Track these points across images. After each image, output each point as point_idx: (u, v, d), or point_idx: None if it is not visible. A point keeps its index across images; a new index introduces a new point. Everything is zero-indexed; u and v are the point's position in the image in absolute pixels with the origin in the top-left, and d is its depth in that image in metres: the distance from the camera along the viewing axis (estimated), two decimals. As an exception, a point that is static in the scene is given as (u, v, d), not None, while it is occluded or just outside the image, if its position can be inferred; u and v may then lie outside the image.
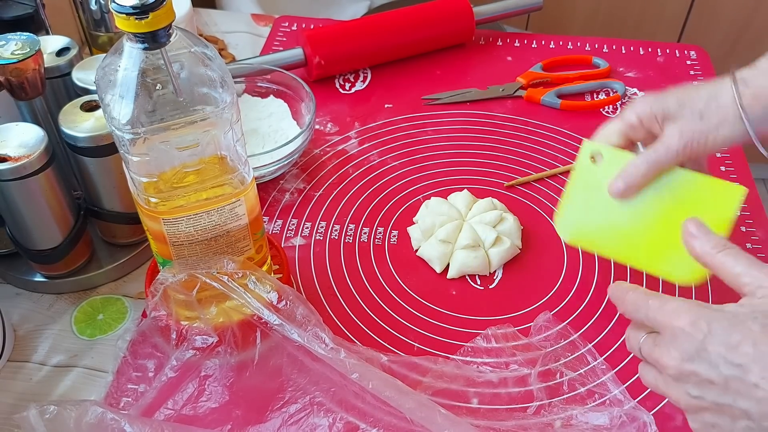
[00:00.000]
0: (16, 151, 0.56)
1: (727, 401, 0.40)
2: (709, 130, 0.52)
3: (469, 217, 0.69)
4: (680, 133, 0.52)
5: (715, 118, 0.52)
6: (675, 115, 0.53)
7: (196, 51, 0.45)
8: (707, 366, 0.41)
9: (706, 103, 0.52)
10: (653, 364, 0.45)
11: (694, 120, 0.52)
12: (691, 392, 0.42)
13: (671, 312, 0.43)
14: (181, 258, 0.52)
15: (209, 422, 0.53)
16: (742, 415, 0.40)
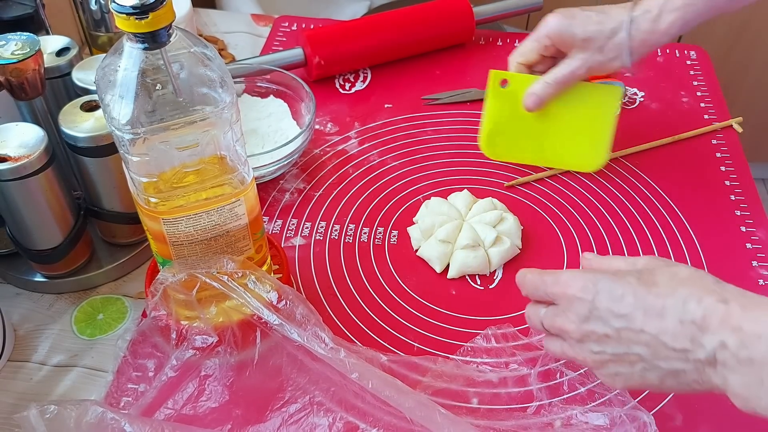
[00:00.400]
0: (16, 151, 0.56)
1: (623, 350, 0.46)
2: (605, 61, 0.65)
3: (469, 217, 0.69)
4: (583, 61, 0.65)
5: (611, 54, 0.65)
6: (580, 45, 0.65)
7: (196, 51, 0.45)
8: (601, 323, 0.46)
9: (606, 39, 0.64)
10: (557, 333, 0.50)
11: (595, 53, 0.65)
12: (593, 349, 0.47)
13: (564, 283, 0.48)
14: (181, 258, 0.52)
15: (209, 422, 0.53)
16: (638, 359, 0.45)
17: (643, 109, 0.85)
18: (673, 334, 0.43)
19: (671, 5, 0.62)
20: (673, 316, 0.43)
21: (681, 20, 0.62)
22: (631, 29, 0.63)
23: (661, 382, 0.45)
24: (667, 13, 0.62)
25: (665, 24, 0.63)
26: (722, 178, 0.76)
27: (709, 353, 0.42)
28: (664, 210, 0.73)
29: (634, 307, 0.45)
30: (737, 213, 0.72)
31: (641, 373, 0.46)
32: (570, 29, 0.65)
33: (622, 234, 0.70)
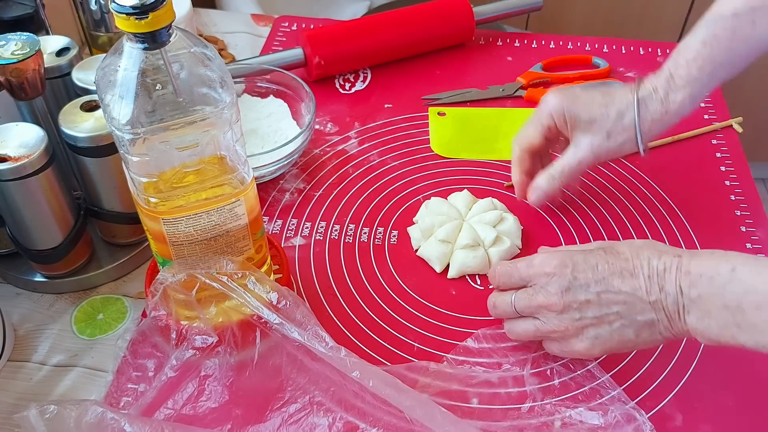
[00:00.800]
0: (16, 151, 0.56)
1: (603, 312, 0.51)
2: (615, 147, 0.63)
3: (468, 217, 0.69)
4: (591, 148, 0.63)
5: (621, 138, 0.62)
6: (585, 128, 0.63)
7: (196, 51, 0.45)
8: (583, 290, 0.51)
9: (613, 123, 0.62)
10: (532, 311, 0.54)
11: (602, 137, 0.62)
12: (574, 316, 0.52)
13: (539, 264, 0.53)
14: (181, 258, 0.52)
15: (209, 422, 0.53)
16: (617, 317, 0.51)
17: (643, 109, 0.85)
18: (645, 289, 0.50)
19: (677, 83, 0.61)
20: (642, 273, 0.50)
21: (690, 97, 0.61)
22: (639, 110, 0.61)
23: (637, 336, 0.51)
24: (674, 92, 0.61)
25: (675, 104, 0.61)
26: (722, 178, 0.76)
27: (673, 299, 0.49)
28: (664, 210, 0.73)
29: (610, 272, 0.51)
30: (737, 213, 0.72)
31: (620, 331, 0.51)
32: (573, 110, 0.63)
33: (622, 234, 0.70)
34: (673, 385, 0.58)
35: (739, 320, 0.46)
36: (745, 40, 0.59)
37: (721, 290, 0.46)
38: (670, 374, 0.58)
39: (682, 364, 0.59)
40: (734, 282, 0.46)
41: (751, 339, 0.46)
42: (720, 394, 0.57)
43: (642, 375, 0.58)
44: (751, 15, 0.58)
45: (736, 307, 0.46)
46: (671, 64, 0.62)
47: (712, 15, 0.60)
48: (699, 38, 0.60)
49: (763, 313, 0.45)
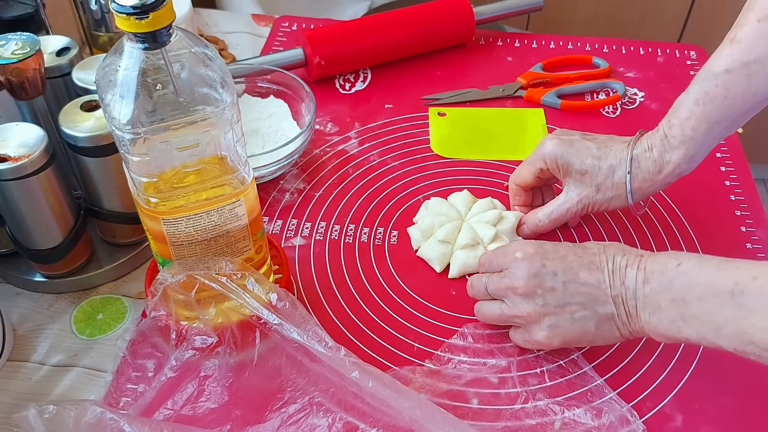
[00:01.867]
0: (16, 151, 0.56)
1: (567, 300, 0.53)
2: (603, 201, 0.64)
3: (468, 217, 0.69)
4: (579, 199, 0.64)
5: (610, 193, 0.63)
6: (576, 178, 0.64)
7: (197, 51, 0.45)
8: (549, 277, 0.53)
9: (604, 177, 0.62)
10: (501, 294, 0.56)
11: (592, 190, 0.63)
12: (537, 302, 0.54)
13: (513, 250, 0.56)
14: (181, 258, 0.52)
15: (208, 422, 0.53)
16: (579, 308, 0.53)
17: (643, 109, 0.85)
18: (609, 283, 0.52)
19: (671, 143, 0.60)
20: (606, 268, 0.53)
21: (685, 157, 0.59)
22: (632, 167, 0.61)
23: (597, 328, 0.53)
24: (668, 152, 0.60)
25: (670, 165, 0.60)
26: (722, 178, 0.76)
27: (632, 293, 0.51)
28: (664, 210, 0.73)
29: (578, 264, 0.54)
30: (737, 213, 0.72)
31: (581, 322, 0.53)
32: (566, 157, 0.63)
33: (622, 234, 0.70)
34: (673, 385, 0.58)
35: (684, 312, 0.48)
36: (741, 96, 0.57)
37: (669, 284, 0.49)
38: (670, 374, 0.58)
39: (682, 364, 0.59)
40: (680, 276, 0.48)
41: (694, 331, 0.48)
42: (720, 394, 0.57)
43: (642, 375, 0.58)
44: (744, 70, 0.56)
45: (681, 300, 0.48)
46: (665, 123, 0.61)
47: (704, 73, 0.58)
48: (692, 97, 0.59)
49: (704, 304, 0.47)
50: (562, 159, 0.63)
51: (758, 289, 0.44)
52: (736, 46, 0.56)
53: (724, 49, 0.57)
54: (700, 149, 0.60)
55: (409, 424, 0.50)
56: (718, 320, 0.46)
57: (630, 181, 0.61)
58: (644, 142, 0.62)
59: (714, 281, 0.47)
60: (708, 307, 0.47)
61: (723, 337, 0.46)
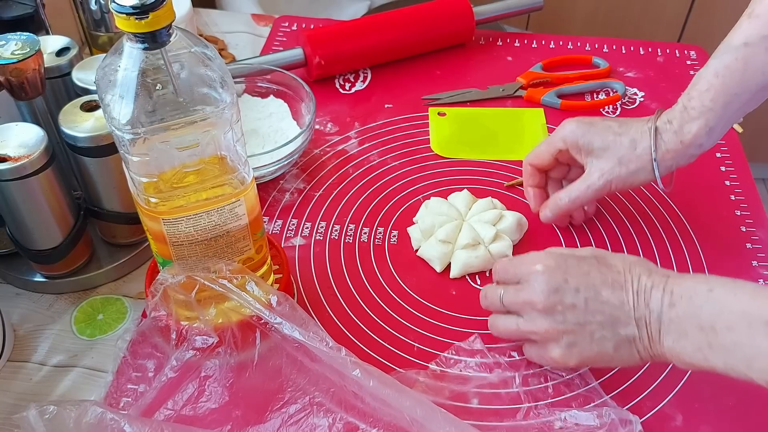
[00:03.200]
0: (16, 151, 0.56)
1: (587, 319, 0.51)
2: (627, 175, 0.62)
3: (468, 216, 0.69)
4: (601, 174, 0.62)
5: (633, 166, 0.61)
6: (598, 155, 0.62)
7: (196, 51, 0.45)
8: (571, 294, 0.51)
9: (627, 150, 0.61)
10: (517, 308, 0.54)
11: (614, 164, 0.62)
12: (557, 319, 0.51)
13: (532, 261, 0.54)
14: (181, 258, 0.52)
15: (209, 422, 0.53)
16: (599, 327, 0.51)
17: (643, 109, 0.85)
18: (633, 304, 0.50)
19: (690, 114, 0.60)
20: (631, 288, 0.50)
21: (705, 128, 0.59)
22: (656, 139, 0.61)
23: (615, 350, 0.51)
24: (688, 124, 0.60)
25: (690, 135, 0.60)
26: (722, 178, 0.76)
27: (657, 317, 0.49)
28: (664, 210, 0.73)
29: (601, 281, 0.51)
30: (737, 213, 0.72)
31: (599, 342, 0.51)
32: (587, 136, 0.62)
33: (622, 234, 0.70)
34: (673, 385, 0.58)
35: (711, 341, 0.46)
36: (761, 69, 0.57)
37: (698, 310, 0.47)
38: (670, 374, 0.58)
39: (682, 364, 0.59)
40: (710, 302, 0.46)
41: (722, 361, 0.46)
42: (720, 394, 0.57)
43: (642, 375, 0.58)
44: (763, 43, 0.56)
45: (710, 328, 0.46)
46: (685, 96, 0.61)
47: (724, 45, 0.59)
48: (711, 70, 0.59)
49: (733, 334, 0.45)
50: (584, 138, 0.62)
51: None
52: (755, 20, 0.57)
53: (743, 24, 0.58)
54: (720, 122, 0.59)
55: (410, 424, 0.50)
56: (750, 351, 0.44)
57: (655, 152, 0.61)
58: (664, 116, 0.62)
59: (748, 309, 0.44)
60: (740, 337, 0.44)
61: (755, 370, 0.44)
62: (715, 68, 0.59)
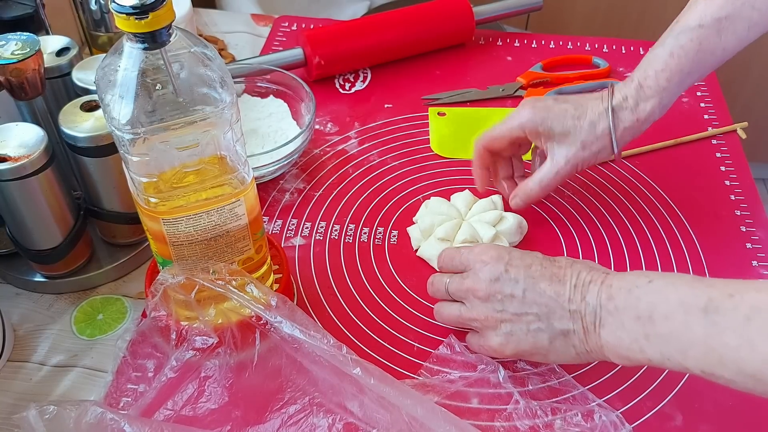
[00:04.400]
0: (16, 151, 0.56)
1: (524, 309, 0.52)
2: (591, 156, 0.64)
3: (468, 216, 0.69)
4: (567, 159, 0.64)
5: (596, 147, 0.64)
6: (559, 140, 0.64)
7: (196, 51, 0.45)
8: (510, 284, 0.53)
9: (587, 133, 0.63)
10: (461, 295, 0.56)
11: (578, 149, 0.64)
12: (496, 307, 0.53)
13: (479, 252, 0.55)
14: (181, 258, 0.52)
15: (209, 423, 0.53)
16: (535, 319, 0.52)
17: (643, 109, 0.85)
18: (568, 297, 0.51)
19: (646, 93, 0.62)
20: (569, 282, 0.51)
21: (659, 106, 0.62)
22: (613, 119, 0.63)
23: (550, 343, 0.52)
24: (644, 102, 0.62)
25: (645, 113, 0.62)
26: (722, 178, 0.76)
27: (592, 309, 0.49)
28: (664, 210, 0.73)
29: (540, 274, 0.52)
30: (737, 213, 0.72)
31: (535, 334, 0.52)
32: (546, 123, 0.63)
33: (622, 234, 0.70)
34: (673, 385, 0.58)
35: (648, 332, 0.46)
36: (711, 50, 0.61)
37: (637, 301, 0.47)
38: (670, 374, 0.58)
39: (682, 364, 0.59)
40: (650, 293, 0.47)
41: (658, 351, 0.46)
42: (720, 394, 0.57)
43: (642, 375, 0.58)
44: (716, 25, 0.59)
45: (647, 318, 0.46)
46: (640, 74, 0.63)
47: (680, 26, 0.61)
48: (667, 50, 0.61)
49: (670, 322, 0.45)
50: (543, 125, 0.63)
51: (734, 306, 0.42)
52: (710, 2, 0.60)
53: (698, 5, 0.61)
54: (672, 98, 0.63)
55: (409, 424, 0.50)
56: (686, 339, 0.44)
57: (614, 131, 0.63)
58: (618, 94, 0.63)
59: (686, 298, 0.44)
60: (676, 325, 0.44)
61: (690, 358, 0.44)
62: (671, 48, 0.61)
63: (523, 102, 0.66)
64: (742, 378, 0.42)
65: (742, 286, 0.43)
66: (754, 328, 0.41)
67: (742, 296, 0.42)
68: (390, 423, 0.51)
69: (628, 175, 0.76)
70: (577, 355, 0.52)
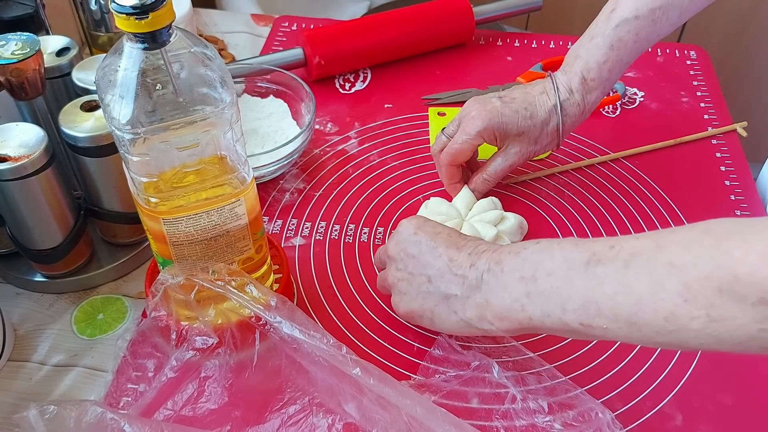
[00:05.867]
0: (16, 151, 0.56)
1: (419, 270, 0.54)
2: (540, 149, 0.69)
3: (469, 216, 0.69)
4: (520, 155, 0.69)
5: (545, 141, 0.68)
6: (514, 139, 0.68)
7: (196, 51, 0.45)
8: (414, 245, 0.54)
9: (539, 131, 0.67)
10: (383, 258, 0.58)
11: (530, 143, 0.68)
12: (398, 266, 0.55)
13: (405, 221, 0.57)
14: (181, 258, 0.52)
15: (209, 423, 0.53)
16: (426, 281, 0.53)
17: (642, 109, 0.85)
18: (459, 263, 0.52)
19: (590, 85, 0.66)
20: (465, 250, 0.52)
21: (602, 95, 0.67)
22: (562, 115, 0.66)
23: (435, 306, 0.53)
24: (589, 94, 0.66)
25: (590, 104, 0.67)
26: (722, 178, 0.76)
27: (478, 274, 0.50)
28: (664, 210, 0.73)
29: (443, 242, 0.53)
30: (737, 213, 0.72)
31: (424, 296, 0.54)
32: (502, 126, 0.66)
33: (621, 233, 0.70)
34: (673, 385, 0.58)
35: (530, 289, 0.47)
36: (647, 39, 0.64)
37: (523, 262, 0.48)
38: (670, 374, 0.58)
39: (682, 364, 0.59)
40: (536, 252, 0.48)
41: (538, 308, 0.46)
42: (720, 394, 0.57)
43: (642, 375, 0.58)
44: (651, 15, 0.63)
45: (531, 278, 0.47)
46: (582, 66, 0.66)
47: (617, 17, 0.64)
48: (607, 42, 0.64)
49: (553, 278, 0.45)
50: (500, 129, 0.67)
51: (614, 256, 0.43)
52: None
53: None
54: (611, 87, 0.67)
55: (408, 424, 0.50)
56: (566, 293, 0.45)
57: (563, 127, 0.67)
58: (561, 87, 0.66)
59: (570, 254, 0.45)
60: (557, 281, 0.45)
61: (569, 312, 0.45)
62: (611, 41, 0.64)
63: (470, 104, 0.68)
64: (618, 325, 0.43)
65: (623, 238, 0.44)
66: (631, 273, 0.42)
67: (622, 245, 0.43)
68: (389, 423, 0.51)
69: (628, 175, 0.77)
70: (458, 322, 0.52)
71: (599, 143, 0.80)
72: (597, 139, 0.81)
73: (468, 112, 0.68)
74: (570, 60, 0.67)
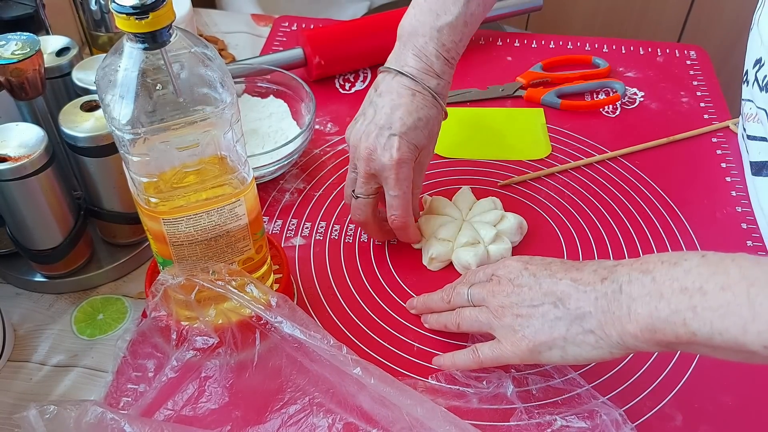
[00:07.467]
0: (16, 151, 0.56)
1: (539, 300, 0.51)
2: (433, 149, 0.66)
3: (469, 217, 0.69)
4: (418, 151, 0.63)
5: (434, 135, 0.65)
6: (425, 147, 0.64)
7: (196, 51, 0.45)
8: (529, 278, 0.52)
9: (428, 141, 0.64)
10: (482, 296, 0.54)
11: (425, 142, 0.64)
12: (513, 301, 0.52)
13: (501, 260, 0.56)
14: (181, 258, 0.52)
15: (209, 423, 0.53)
16: (551, 308, 0.50)
17: (642, 109, 0.85)
18: (585, 281, 0.49)
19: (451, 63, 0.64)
20: (588, 269, 0.49)
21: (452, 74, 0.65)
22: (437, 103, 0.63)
23: (567, 330, 0.49)
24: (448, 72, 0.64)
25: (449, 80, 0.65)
26: (722, 175, 0.76)
27: (616, 289, 0.46)
28: (664, 209, 0.73)
29: (559, 267, 0.51)
30: (738, 209, 0.72)
31: (551, 324, 0.50)
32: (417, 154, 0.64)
33: (621, 233, 0.70)
34: (673, 385, 0.58)
35: (696, 303, 0.42)
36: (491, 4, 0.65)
37: (684, 273, 0.43)
38: (670, 374, 0.58)
39: (682, 364, 0.59)
40: (703, 266, 0.43)
41: (707, 324, 0.41)
42: (720, 394, 0.57)
43: (642, 374, 0.58)
44: None
45: (697, 289, 0.42)
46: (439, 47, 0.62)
47: None
48: (461, 20, 0.62)
49: (727, 293, 0.41)
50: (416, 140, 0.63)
51: None
52: None
53: None
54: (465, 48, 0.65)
55: (410, 423, 0.50)
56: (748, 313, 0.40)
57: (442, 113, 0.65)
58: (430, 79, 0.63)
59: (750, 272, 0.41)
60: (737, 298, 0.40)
61: (751, 333, 0.40)
62: (465, 17, 0.62)
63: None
64: None
65: None
66: None
67: None
68: (390, 423, 0.52)
69: (628, 175, 0.77)
70: (596, 343, 0.48)
71: (599, 143, 0.80)
72: (597, 139, 0.81)
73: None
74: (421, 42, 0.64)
